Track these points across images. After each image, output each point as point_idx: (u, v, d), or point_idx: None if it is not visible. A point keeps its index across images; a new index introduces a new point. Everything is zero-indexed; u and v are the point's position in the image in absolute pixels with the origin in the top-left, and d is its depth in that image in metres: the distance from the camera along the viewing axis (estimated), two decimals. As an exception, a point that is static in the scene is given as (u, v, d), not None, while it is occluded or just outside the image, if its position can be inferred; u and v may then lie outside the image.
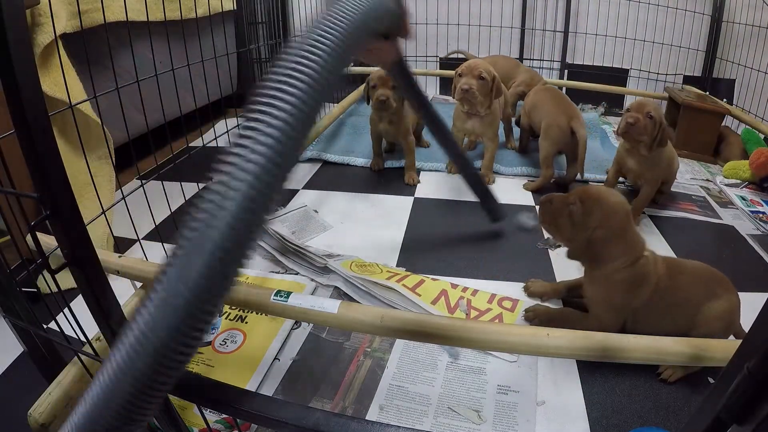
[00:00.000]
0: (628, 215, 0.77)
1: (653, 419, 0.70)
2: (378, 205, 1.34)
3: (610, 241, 0.76)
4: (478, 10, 2.35)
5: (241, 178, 0.27)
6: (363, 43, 0.40)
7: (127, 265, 0.74)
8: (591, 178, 1.51)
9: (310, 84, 0.31)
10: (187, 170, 1.09)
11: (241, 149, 0.28)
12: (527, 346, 0.59)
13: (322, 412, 0.46)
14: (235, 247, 0.27)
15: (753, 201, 1.41)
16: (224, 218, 0.26)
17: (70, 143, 1.01)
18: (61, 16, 1.02)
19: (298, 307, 0.64)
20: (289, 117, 0.30)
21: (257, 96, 0.31)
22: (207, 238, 0.26)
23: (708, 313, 0.75)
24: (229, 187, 0.27)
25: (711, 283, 0.77)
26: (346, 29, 0.36)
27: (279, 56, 0.33)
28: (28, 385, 0.74)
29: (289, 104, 0.30)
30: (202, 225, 0.27)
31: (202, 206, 0.27)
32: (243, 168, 0.28)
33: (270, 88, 0.31)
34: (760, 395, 0.28)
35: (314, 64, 0.32)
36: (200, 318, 0.26)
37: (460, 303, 0.93)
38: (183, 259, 0.26)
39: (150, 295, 0.26)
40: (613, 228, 0.76)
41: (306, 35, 0.34)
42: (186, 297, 0.26)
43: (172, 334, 0.25)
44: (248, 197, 0.27)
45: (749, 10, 1.95)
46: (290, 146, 0.30)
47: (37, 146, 0.36)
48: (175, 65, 0.98)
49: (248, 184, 0.27)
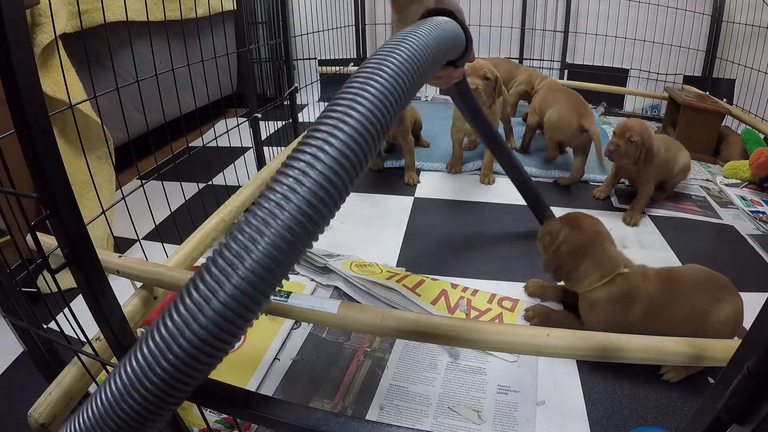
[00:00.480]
0: (598, 235, 0.82)
1: (653, 419, 0.70)
2: (378, 205, 1.34)
3: (577, 257, 0.80)
4: (478, 10, 2.35)
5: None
6: (436, 69, 0.45)
7: (127, 265, 0.74)
8: (591, 178, 1.51)
9: (385, 103, 0.34)
10: (187, 170, 1.09)
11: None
12: (527, 346, 0.59)
13: (322, 412, 0.46)
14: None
15: (753, 201, 1.41)
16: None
17: (70, 143, 1.01)
18: (61, 16, 1.02)
19: (298, 307, 0.64)
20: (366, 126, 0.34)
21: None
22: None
23: (714, 321, 0.74)
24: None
25: (713, 288, 0.76)
26: (423, 56, 0.39)
27: (360, 70, 0.37)
28: (28, 385, 0.74)
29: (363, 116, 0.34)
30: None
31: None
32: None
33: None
34: (760, 395, 0.28)
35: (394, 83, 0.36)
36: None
37: (460, 303, 0.93)
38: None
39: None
40: (577, 244, 0.80)
41: (386, 56, 0.37)
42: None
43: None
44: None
45: (749, 10, 1.95)
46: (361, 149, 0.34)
47: (37, 146, 0.36)
48: (175, 65, 0.98)
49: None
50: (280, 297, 0.65)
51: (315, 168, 0.31)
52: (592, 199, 1.40)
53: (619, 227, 1.23)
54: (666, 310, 0.76)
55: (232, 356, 0.81)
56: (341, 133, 0.32)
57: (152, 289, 0.76)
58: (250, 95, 1.40)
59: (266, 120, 1.69)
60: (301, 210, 0.31)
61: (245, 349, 0.82)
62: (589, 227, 0.83)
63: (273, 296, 0.66)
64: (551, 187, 1.48)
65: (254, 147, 1.43)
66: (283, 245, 0.30)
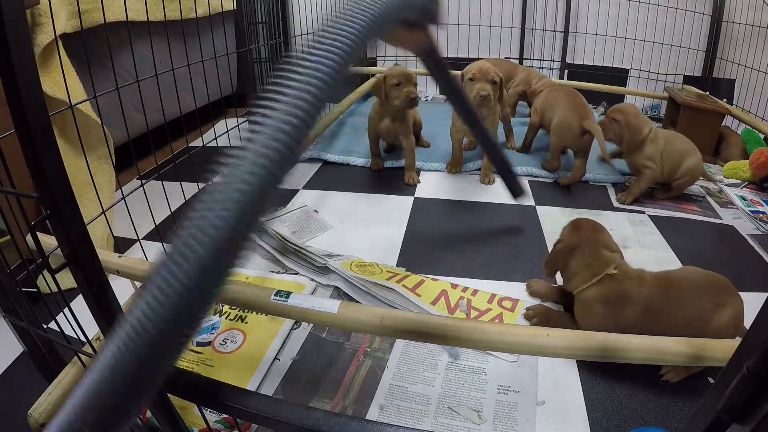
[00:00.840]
0: (594, 237, 0.83)
1: (653, 419, 0.70)
2: (378, 205, 1.34)
3: (569, 256, 0.83)
4: (478, 10, 2.36)
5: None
6: (389, 27, 0.40)
7: (127, 265, 0.74)
8: (591, 179, 1.51)
9: (334, 54, 0.31)
10: (187, 170, 1.09)
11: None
12: (527, 346, 0.59)
13: (322, 412, 0.46)
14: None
15: (753, 201, 1.41)
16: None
17: (70, 143, 1.01)
18: (61, 16, 1.02)
19: (298, 307, 0.64)
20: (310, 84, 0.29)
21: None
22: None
23: (717, 325, 0.73)
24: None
25: (714, 292, 0.75)
26: (374, 9, 0.36)
27: (320, 30, 0.33)
28: (28, 385, 0.74)
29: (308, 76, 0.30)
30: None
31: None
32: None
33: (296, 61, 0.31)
34: (759, 394, 0.28)
35: (343, 34, 0.32)
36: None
37: (460, 303, 0.93)
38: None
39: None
40: (571, 243, 0.83)
41: (339, 10, 0.34)
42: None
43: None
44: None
45: (749, 10, 1.95)
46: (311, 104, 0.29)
47: (37, 146, 0.36)
48: (175, 65, 0.98)
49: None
50: (280, 297, 0.65)
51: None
52: (592, 199, 1.40)
53: (619, 227, 1.24)
54: (664, 315, 0.75)
55: (232, 356, 0.81)
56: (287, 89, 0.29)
57: (152, 289, 0.76)
58: (250, 95, 1.40)
59: (266, 120, 1.69)
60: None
61: (245, 349, 0.82)
62: (586, 229, 0.85)
63: (273, 296, 0.66)
64: (551, 187, 1.48)
65: (254, 147, 1.42)
66: None
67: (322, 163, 1.63)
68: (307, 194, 1.40)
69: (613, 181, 1.51)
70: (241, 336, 0.85)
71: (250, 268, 1.05)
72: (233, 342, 0.84)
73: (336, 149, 1.69)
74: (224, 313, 0.91)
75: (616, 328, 0.77)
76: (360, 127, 1.87)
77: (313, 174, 1.55)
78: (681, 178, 1.35)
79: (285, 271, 1.04)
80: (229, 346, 0.83)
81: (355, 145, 1.73)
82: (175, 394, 0.50)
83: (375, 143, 1.54)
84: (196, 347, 0.82)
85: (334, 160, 1.63)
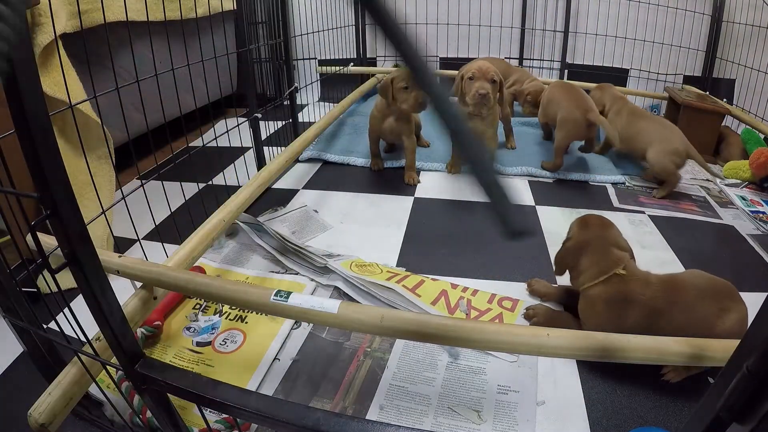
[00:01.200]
0: (603, 235, 0.83)
1: (653, 419, 0.70)
2: (378, 205, 1.34)
3: (578, 253, 0.82)
4: (478, 10, 2.36)
5: None
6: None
7: (127, 265, 0.74)
8: (591, 178, 1.51)
9: None
10: (187, 170, 1.09)
11: None
12: (527, 346, 0.59)
13: (322, 412, 0.46)
14: None
15: (753, 201, 1.41)
16: None
17: (70, 143, 1.01)
18: (61, 16, 1.03)
19: (298, 307, 0.64)
20: None
21: None
22: None
23: (721, 330, 0.73)
24: None
25: (718, 298, 0.75)
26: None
27: None
28: (28, 385, 0.74)
29: None
30: None
31: None
32: None
33: None
34: (759, 394, 0.28)
35: None
36: None
37: (460, 303, 0.93)
38: None
39: None
40: (580, 240, 0.83)
41: None
42: None
43: None
44: None
45: (749, 10, 1.95)
46: None
47: (37, 146, 0.36)
48: (175, 65, 0.98)
49: None
50: (280, 297, 0.65)
51: None
52: (592, 199, 1.40)
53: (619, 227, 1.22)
54: (668, 318, 0.75)
55: (232, 356, 0.81)
56: None
57: (152, 289, 0.76)
58: (250, 95, 1.40)
59: (266, 120, 1.69)
60: None
61: (245, 349, 0.82)
62: (595, 226, 0.85)
63: (273, 296, 0.66)
64: (552, 187, 1.48)
65: (254, 147, 1.43)
66: None
67: (322, 163, 1.63)
68: (307, 194, 1.40)
69: (613, 181, 1.51)
70: (241, 336, 0.85)
71: (250, 268, 1.05)
72: (233, 342, 0.84)
73: (336, 149, 1.69)
74: (224, 313, 0.91)
75: (618, 328, 0.77)
76: (360, 127, 1.87)
77: (313, 174, 1.55)
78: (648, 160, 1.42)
79: (285, 271, 1.04)
80: (229, 346, 0.83)
81: (355, 145, 1.73)
82: (175, 394, 0.50)
83: (375, 143, 1.54)
84: (196, 347, 0.82)
85: (334, 160, 1.63)
